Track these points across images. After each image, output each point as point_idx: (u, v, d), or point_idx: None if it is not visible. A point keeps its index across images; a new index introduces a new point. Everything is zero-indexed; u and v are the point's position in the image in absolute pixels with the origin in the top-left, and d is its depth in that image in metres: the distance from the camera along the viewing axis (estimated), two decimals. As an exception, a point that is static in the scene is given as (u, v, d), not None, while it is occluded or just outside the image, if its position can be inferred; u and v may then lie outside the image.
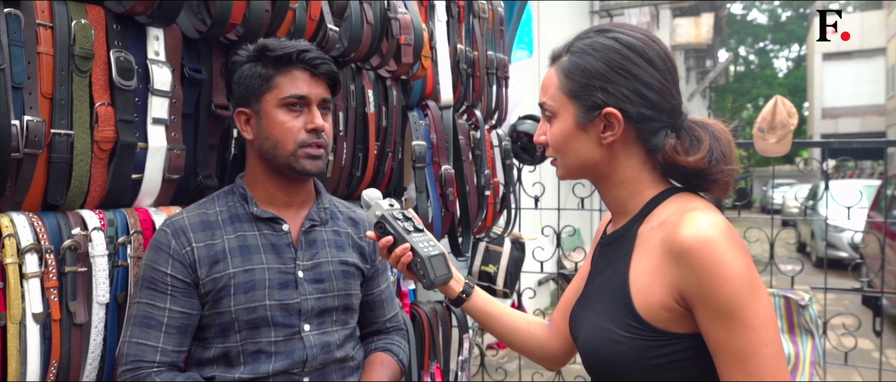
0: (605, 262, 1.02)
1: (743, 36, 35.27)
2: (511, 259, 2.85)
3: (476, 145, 2.25)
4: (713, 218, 0.87)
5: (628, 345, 0.89)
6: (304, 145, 1.19)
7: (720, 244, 0.83)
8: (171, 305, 1.15)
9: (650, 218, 0.95)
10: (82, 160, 1.12)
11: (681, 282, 0.86)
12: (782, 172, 21.65)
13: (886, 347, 5.03)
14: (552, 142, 0.99)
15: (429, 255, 1.10)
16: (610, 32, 0.95)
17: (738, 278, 0.82)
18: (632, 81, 0.92)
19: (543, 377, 3.62)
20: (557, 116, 0.97)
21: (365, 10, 1.66)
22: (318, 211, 1.29)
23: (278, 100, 1.19)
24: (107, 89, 1.15)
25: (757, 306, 0.82)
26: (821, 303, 3.33)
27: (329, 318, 1.25)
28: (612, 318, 0.92)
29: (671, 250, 0.86)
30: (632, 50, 0.92)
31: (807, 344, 2.94)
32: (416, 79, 2.01)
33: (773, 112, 3.09)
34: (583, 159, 0.98)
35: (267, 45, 1.19)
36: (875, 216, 5.98)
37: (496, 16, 2.52)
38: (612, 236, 1.02)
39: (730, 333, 0.83)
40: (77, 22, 1.09)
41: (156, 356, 1.13)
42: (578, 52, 0.95)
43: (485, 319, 1.19)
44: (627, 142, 0.96)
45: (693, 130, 0.96)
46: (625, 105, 0.92)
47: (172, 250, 1.16)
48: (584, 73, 0.93)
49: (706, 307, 0.84)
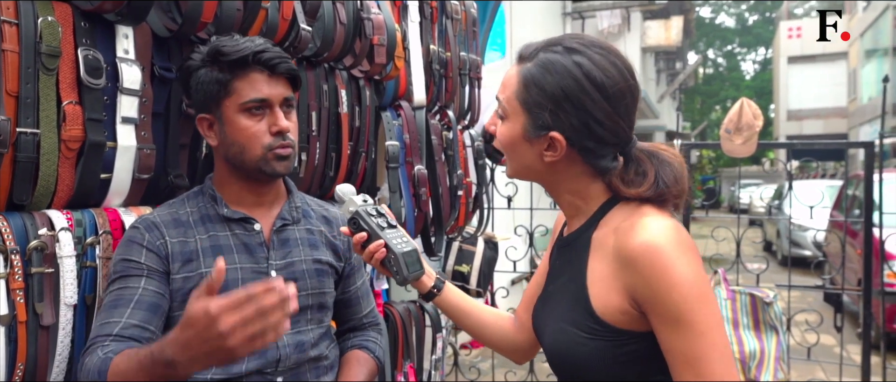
0: (564, 264, 1.03)
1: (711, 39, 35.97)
2: (484, 258, 2.86)
3: (449, 145, 2.27)
4: (663, 224, 0.88)
5: (592, 346, 0.91)
6: (272, 148, 1.17)
7: (669, 251, 0.85)
8: (145, 285, 1.11)
9: (603, 222, 0.97)
10: (49, 159, 1.10)
11: (632, 287, 0.88)
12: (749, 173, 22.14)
13: (847, 342, 5.19)
14: (500, 140, 1.01)
15: (402, 252, 1.11)
16: (576, 54, 0.92)
17: (686, 284, 0.84)
18: (582, 114, 0.91)
19: (516, 375, 3.64)
20: (508, 118, 0.98)
21: (338, 10, 1.66)
22: (290, 210, 1.29)
23: (238, 106, 1.15)
24: (74, 88, 1.14)
25: (705, 311, 0.84)
26: (785, 300, 3.42)
27: (303, 317, 1.25)
28: (574, 322, 0.94)
29: (623, 257, 0.89)
30: (591, 81, 0.91)
31: (772, 340, 3.02)
32: (390, 80, 2.01)
33: (740, 114, 3.17)
34: (527, 166, 1.00)
35: (220, 49, 1.14)
36: (837, 215, 6.15)
37: (469, 17, 2.54)
38: (568, 238, 1.04)
39: (679, 337, 0.85)
40: (43, 19, 1.07)
41: (114, 329, 1.05)
42: (541, 66, 0.94)
43: (455, 313, 1.21)
44: (572, 162, 0.97)
45: (640, 162, 0.97)
46: (570, 133, 0.93)
47: (146, 241, 1.14)
48: (540, 91, 0.93)
49: (656, 312, 0.87)
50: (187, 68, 1.19)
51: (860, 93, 20.89)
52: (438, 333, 2.20)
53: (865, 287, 3.24)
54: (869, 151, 3.20)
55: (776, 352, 2.98)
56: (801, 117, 25.53)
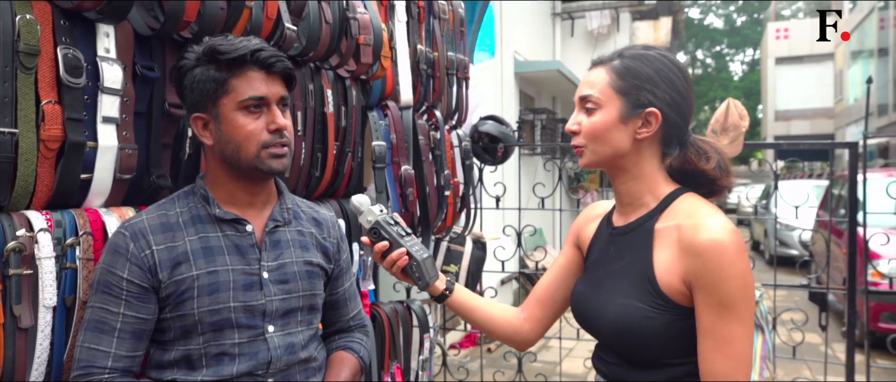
0: (621, 250, 1.16)
1: (700, 40, 36.19)
2: (472, 258, 2.86)
3: (436, 145, 2.27)
4: (725, 223, 1.03)
5: (660, 319, 1.06)
6: (268, 146, 1.17)
7: (731, 248, 1.01)
8: (126, 310, 1.12)
9: (665, 215, 1.11)
10: (27, 159, 1.08)
11: (691, 273, 1.03)
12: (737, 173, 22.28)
13: (832, 341, 5.23)
14: (589, 131, 1.13)
15: (422, 258, 1.18)
16: (655, 49, 1.13)
17: (741, 278, 1.01)
18: (673, 91, 1.10)
19: (505, 375, 3.65)
20: (602, 108, 1.12)
21: (323, 9, 1.66)
22: (282, 212, 1.28)
23: (236, 104, 1.15)
24: (54, 87, 1.12)
25: (747, 305, 1.01)
26: (771, 299, 3.44)
27: (294, 319, 1.25)
28: (640, 298, 1.08)
29: (688, 249, 1.04)
30: (675, 64, 1.11)
31: (758, 339, 3.04)
32: (376, 80, 2.01)
33: (726, 114, 3.19)
34: (615, 148, 1.12)
35: (217, 48, 1.14)
36: (823, 215, 6.21)
37: (456, 17, 2.53)
38: (625, 228, 1.16)
39: (723, 320, 1.01)
40: (21, 17, 1.06)
41: (108, 361, 1.10)
42: (631, 58, 1.11)
43: (466, 311, 1.31)
44: (653, 143, 1.13)
45: (698, 144, 1.14)
46: (665, 108, 1.10)
47: (130, 253, 1.13)
48: (636, 76, 1.10)
49: (709, 295, 1.02)
50: (181, 68, 1.18)
51: (846, 94, 21.10)
52: (426, 333, 2.20)
53: (850, 286, 3.27)
54: (853, 151, 3.23)
55: (762, 351, 2.99)
56: (789, 118, 25.75)
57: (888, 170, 6.04)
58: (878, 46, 17.25)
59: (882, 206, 3.23)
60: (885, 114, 16.68)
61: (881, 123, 16.90)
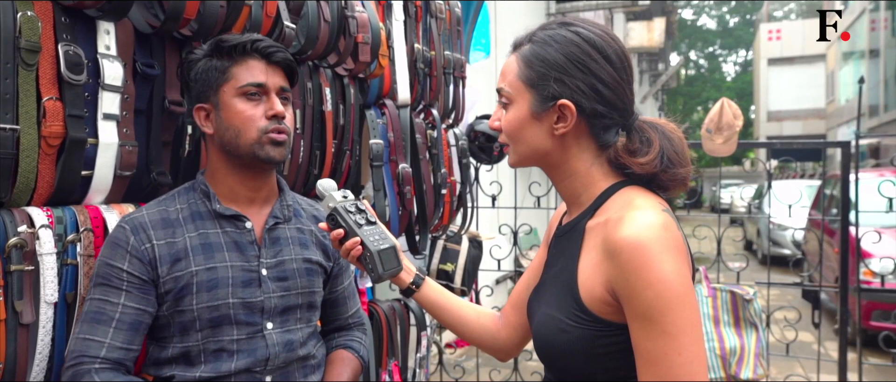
0: (559, 252, 1.04)
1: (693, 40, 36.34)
2: (469, 257, 2.87)
3: (433, 144, 2.27)
4: (651, 219, 0.87)
5: (575, 334, 0.92)
6: (267, 131, 1.18)
7: (651, 248, 0.84)
8: (126, 301, 1.12)
9: (599, 212, 0.97)
10: (29, 156, 1.09)
11: (612, 279, 0.88)
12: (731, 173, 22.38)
13: (824, 339, 5.27)
14: (506, 129, 1.01)
15: (378, 249, 1.12)
16: (572, 26, 0.96)
17: (662, 283, 0.83)
18: (588, 76, 0.93)
19: (501, 374, 3.66)
20: (513, 103, 0.99)
21: (322, 7, 1.66)
22: (282, 209, 1.29)
23: (236, 90, 1.18)
24: (55, 83, 1.13)
25: (677, 314, 0.83)
26: (765, 298, 3.47)
27: (292, 316, 1.25)
28: (561, 308, 0.95)
29: (608, 248, 0.89)
30: (592, 45, 0.94)
31: (751, 337, 3.06)
32: (374, 78, 2.01)
33: (720, 114, 3.21)
34: (534, 147, 0.99)
35: (221, 39, 1.20)
36: (815, 214, 6.25)
37: (453, 16, 2.54)
38: (566, 227, 1.04)
39: (646, 335, 0.85)
40: (23, 14, 1.06)
41: (101, 351, 1.09)
42: (540, 42, 0.96)
43: (435, 309, 1.21)
44: (579, 136, 0.97)
45: (643, 131, 0.98)
46: (579, 98, 0.94)
47: (130, 246, 1.13)
48: (543, 63, 0.95)
49: (630, 306, 0.87)
50: (189, 62, 1.22)
51: (838, 95, 21.24)
52: (423, 331, 2.20)
53: (842, 284, 3.30)
54: (845, 151, 3.26)
55: (756, 349, 3.02)
56: (781, 118, 25.89)
57: (879, 170, 6.09)
58: (870, 47, 17.38)
59: (873, 205, 3.27)
60: (877, 115, 16.81)
61: (872, 124, 17.03)
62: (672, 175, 0.96)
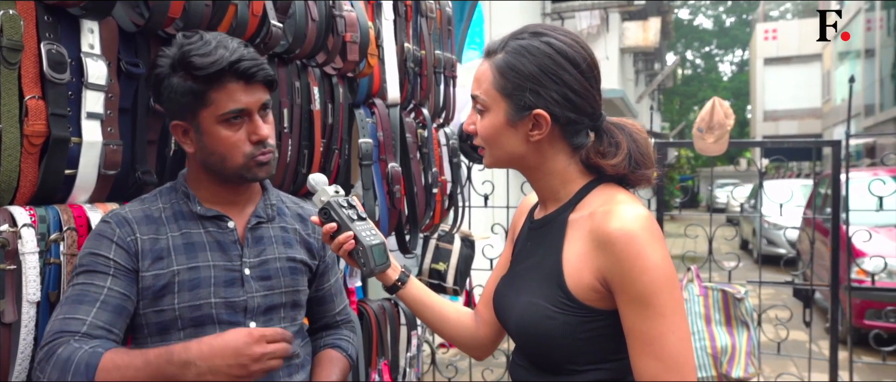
0: (536, 244, 1.09)
1: (690, 40, 36.42)
2: (461, 256, 2.87)
3: (423, 143, 2.28)
4: (637, 212, 0.95)
5: (560, 320, 0.98)
6: (253, 156, 1.17)
7: (642, 237, 0.92)
8: (111, 284, 1.09)
9: (580, 206, 1.03)
10: (11, 155, 1.08)
11: (605, 268, 0.95)
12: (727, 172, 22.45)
13: (816, 338, 5.29)
14: (482, 134, 1.06)
15: (370, 244, 1.14)
16: (544, 36, 1.00)
17: (656, 269, 0.92)
18: (561, 87, 0.99)
19: (493, 374, 3.66)
20: (489, 110, 1.04)
21: (310, 6, 1.66)
22: (265, 208, 1.28)
23: (217, 117, 1.12)
24: (37, 82, 1.12)
25: (669, 297, 0.92)
26: (758, 297, 3.48)
27: (276, 315, 1.25)
28: (545, 296, 1.00)
29: (599, 240, 0.96)
30: (563, 56, 0.99)
31: (743, 336, 3.07)
32: (363, 77, 2.01)
33: (711, 113, 3.22)
34: (510, 152, 1.05)
35: (192, 61, 1.09)
36: (809, 213, 6.26)
37: (444, 15, 2.54)
38: (542, 221, 1.09)
39: (642, 318, 0.93)
40: (4, 12, 1.06)
41: (81, 327, 1.03)
42: (513, 52, 1.01)
43: (417, 307, 1.24)
44: (553, 140, 1.04)
45: (611, 133, 1.05)
46: (553, 108, 0.99)
47: (116, 237, 1.13)
48: (517, 74, 1.00)
49: (625, 292, 0.94)
50: (156, 76, 1.14)
51: (834, 95, 21.30)
52: (413, 331, 2.20)
53: (833, 283, 3.31)
54: (836, 150, 3.27)
55: (747, 347, 3.03)
56: (777, 118, 25.96)
57: (873, 169, 6.11)
58: (866, 47, 17.43)
59: (865, 204, 3.28)
60: (873, 115, 16.86)
61: (868, 123, 17.08)
62: (639, 175, 1.04)
